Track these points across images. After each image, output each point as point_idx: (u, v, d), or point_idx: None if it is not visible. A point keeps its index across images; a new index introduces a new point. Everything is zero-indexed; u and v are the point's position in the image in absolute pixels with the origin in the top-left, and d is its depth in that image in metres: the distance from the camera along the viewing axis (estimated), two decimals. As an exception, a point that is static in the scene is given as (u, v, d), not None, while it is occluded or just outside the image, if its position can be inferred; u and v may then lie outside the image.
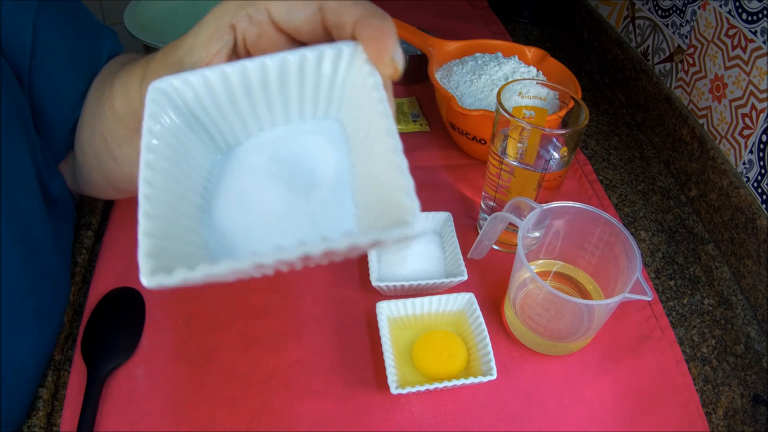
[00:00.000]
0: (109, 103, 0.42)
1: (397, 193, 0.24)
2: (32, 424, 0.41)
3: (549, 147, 0.50)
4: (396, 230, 0.23)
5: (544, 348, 0.48)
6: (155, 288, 0.23)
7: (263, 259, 0.23)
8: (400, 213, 0.24)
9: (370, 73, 0.27)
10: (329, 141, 0.30)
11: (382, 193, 0.26)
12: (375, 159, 0.26)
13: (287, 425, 0.42)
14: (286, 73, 0.28)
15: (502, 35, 0.93)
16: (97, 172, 0.49)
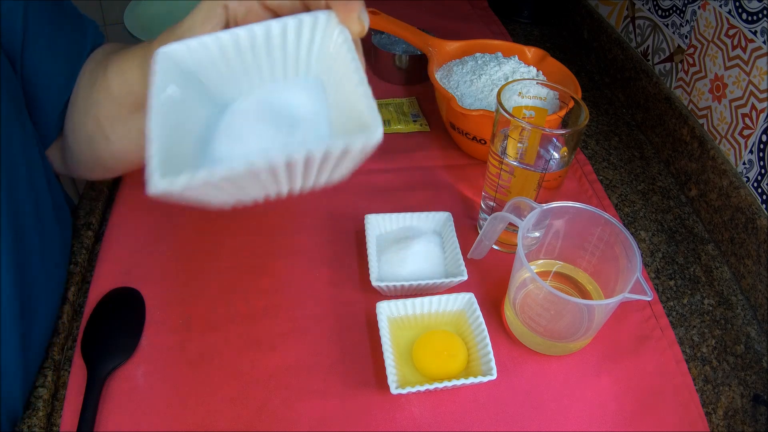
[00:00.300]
0: (104, 87, 0.45)
1: (363, 112, 0.29)
2: (32, 424, 0.41)
3: (549, 147, 0.50)
4: (362, 135, 0.27)
5: (544, 348, 0.48)
6: (161, 192, 0.27)
7: (255, 162, 0.26)
8: (365, 125, 0.28)
9: (341, 32, 0.32)
10: (309, 93, 0.34)
11: (351, 116, 0.30)
12: (345, 95, 0.31)
13: (287, 425, 0.43)
14: (271, 38, 0.33)
15: (502, 35, 0.93)
16: (87, 153, 0.51)
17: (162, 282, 0.52)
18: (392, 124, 0.71)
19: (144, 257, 0.54)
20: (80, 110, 0.48)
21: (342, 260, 0.55)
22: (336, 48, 0.33)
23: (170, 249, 0.55)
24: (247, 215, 0.59)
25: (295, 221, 0.58)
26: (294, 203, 0.60)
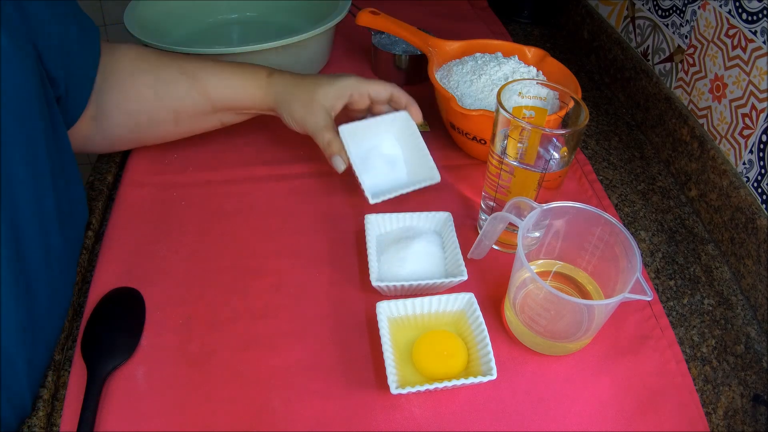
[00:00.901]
0: (199, 90, 0.58)
1: (429, 165, 0.60)
2: (32, 424, 0.41)
3: (549, 147, 0.50)
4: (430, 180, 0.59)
5: (544, 348, 0.48)
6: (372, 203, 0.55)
7: None
8: (431, 175, 0.59)
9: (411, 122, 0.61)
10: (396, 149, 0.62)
11: (421, 165, 0.60)
12: (416, 153, 0.61)
13: (287, 425, 0.43)
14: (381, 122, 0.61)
15: (502, 35, 0.93)
16: (135, 134, 0.61)
17: (162, 282, 0.52)
18: (392, 124, 0.71)
19: (144, 257, 0.54)
20: (149, 100, 0.57)
21: (342, 260, 0.55)
22: (410, 131, 0.61)
23: (170, 249, 0.55)
24: (248, 215, 0.59)
25: (295, 221, 0.58)
26: (294, 203, 0.60)
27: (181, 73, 0.57)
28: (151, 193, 0.60)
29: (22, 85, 0.39)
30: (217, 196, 0.60)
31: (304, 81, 0.58)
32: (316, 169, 0.64)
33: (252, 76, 0.58)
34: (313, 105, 0.57)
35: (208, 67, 0.58)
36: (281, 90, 0.58)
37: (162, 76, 0.57)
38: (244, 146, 0.67)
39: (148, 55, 0.58)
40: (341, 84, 0.58)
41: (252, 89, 0.58)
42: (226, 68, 0.58)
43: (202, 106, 0.59)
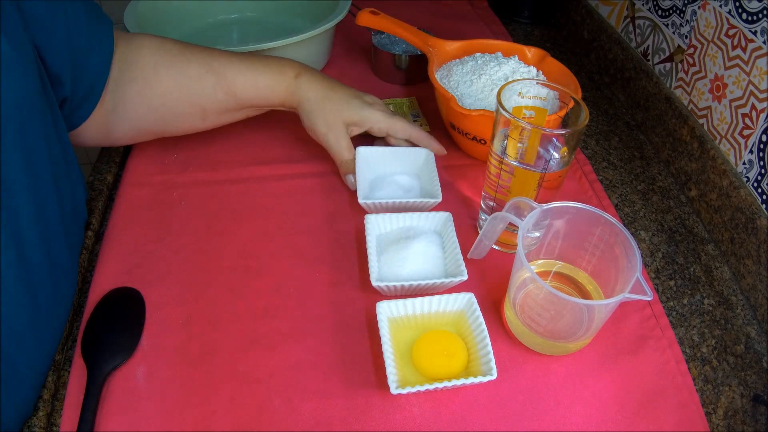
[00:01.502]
0: (226, 88, 0.57)
1: (436, 187, 0.59)
2: (32, 424, 0.41)
3: (549, 147, 0.50)
4: (434, 198, 0.57)
5: (544, 348, 0.48)
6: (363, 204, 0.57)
7: None
8: (435, 194, 0.58)
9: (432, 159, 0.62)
10: (412, 177, 0.62)
11: (430, 190, 0.60)
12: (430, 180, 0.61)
13: (287, 425, 0.43)
14: (402, 154, 0.63)
15: (502, 35, 0.93)
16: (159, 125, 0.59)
17: (162, 282, 0.52)
18: (392, 124, 0.71)
19: (144, 257, 0.54)
20: (174, 95, 0.56)
21: (342, 260, 0.55)
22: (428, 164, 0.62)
23: (170, 249, 0.55)
24: (248, 215, 0.59)
25: (295, 221, 0.58)
26: (294, 203, 0.60)
27: (207, 71, 0.56)
28: (151, 193, 0.60)
29: (21, 90, 0.39)
30: (217, 196, 0.60)
31: (332, 96, 0.58)
32: (316, 169, 0.64)
33: (279, 76, 0.58)
34: (336, 126, 0.58)
35: (234, 64, 0.57)
36: (309, 97, 0.58)
37: (187, 71, 0.56)
38: (244, 146, 0.67)
39: (171, 47, 0.57)
40: (366, 116, 0.59)
41: (279, 90, 0.58)
42: (252, 65, 0.58)
43: (228, 103, 0.58)
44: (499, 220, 0.48)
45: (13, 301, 0.38)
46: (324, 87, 0.59)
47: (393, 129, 0.60)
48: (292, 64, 0.60)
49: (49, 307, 0.43)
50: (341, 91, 0.60)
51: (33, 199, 0.40)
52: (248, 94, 0.58)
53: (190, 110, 0.58)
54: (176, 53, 0.57)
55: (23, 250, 0.39)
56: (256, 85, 0.58)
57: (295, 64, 0.60)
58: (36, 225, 0.40)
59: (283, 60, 0.60)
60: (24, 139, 0.39)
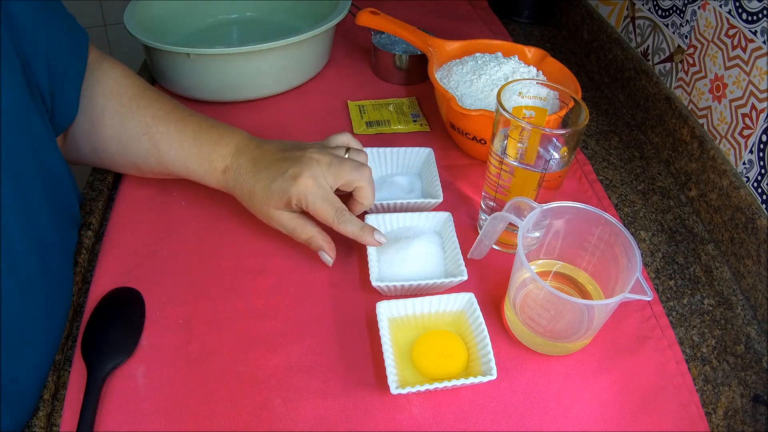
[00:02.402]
0: (159, 159, 0.54)
1: (437, 188, 0.58)
2: (32, 424, 0.41)
3: (549, 147, 0.50)
4: (435, 199, 0.57)
5: (544, 348, 0.48)
6: None
7: None
8: (436, 194, 0.57)
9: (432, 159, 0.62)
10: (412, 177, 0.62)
11: (430, 189, 0.59)
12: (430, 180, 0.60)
13: (287, 425, 0.43)
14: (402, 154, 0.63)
15: (502, 35, 0.93)
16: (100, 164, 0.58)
17: (162, 282, 0.52)
18: (392, 124, 0.71)
19: (144, 257, 0.54)
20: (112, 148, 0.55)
21: (342, 260, 0.55)
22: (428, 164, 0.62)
23: (170, 249, 0.55)
24: (248, 215, 0.58)
25: (295, 221, 0.58)
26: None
27: (144, 134, 0.53)
28: (151, 193, 0.60)
29: (9, 101, 0.39)
30: (217, 196, 0.60)
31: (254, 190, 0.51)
32: (316, 169, 0.64)
33: (208, 166, 0.53)
34: (273, 216, 0.52)
35: (170, 137, 0.53)
36: (237, 195, 0.53)
37: (127, 127, 0.53)
38: (244, 146, 0.67)
39: (125, 92, 0.54)
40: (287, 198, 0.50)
41: (210, 181, 0.54)
42: (186, 144, 0.53)
43: (161, 171, 0.56)
44: (499, 220, 0.48)
45: (8, 311, 0.38)
46: (247, 180, 0.52)
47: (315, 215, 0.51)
48: (224, 150, 0.53)
49: (45, 315, 0.43)
50: (263, 176, 0.51)
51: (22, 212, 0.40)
52: (180, 172, 0.55)
53: (126, 164, 0.57)
54: (125, 102, 0.54)
55: (15, 263, 0.39)
56: (186, 167, 0.54)
57: (227, 149, 0.53)
58: (26, 236, 0.40)
59: (219, 140, 0.53)
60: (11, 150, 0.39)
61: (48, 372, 0.44)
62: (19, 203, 0.39)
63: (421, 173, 0.62)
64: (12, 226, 0.38)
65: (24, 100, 0.41)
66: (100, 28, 1.34)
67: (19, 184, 0.39)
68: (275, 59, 0.71)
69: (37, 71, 0.45)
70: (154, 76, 0.76)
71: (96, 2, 1.29)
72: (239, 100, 0.73)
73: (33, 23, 0.44)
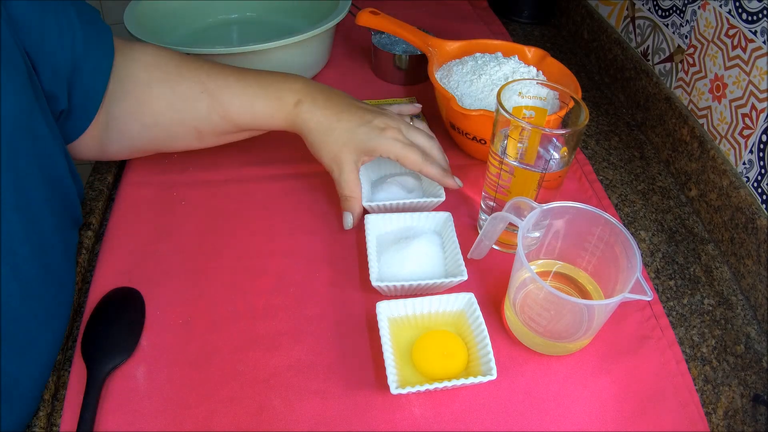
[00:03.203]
0: (221, 112, 0.54)
1: (438, 189, 0.58)
2: (32, 424, 0.41)
3: (549, 147, 0.50)
4: (437, 198, 0.57)
5: (544, 348, 0.48)
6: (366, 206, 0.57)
7: None
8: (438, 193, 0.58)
9: None
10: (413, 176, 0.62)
11: (432, 191, 0.59)
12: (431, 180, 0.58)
13: (287, 425, 0.43)
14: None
15: (502, 35, 0.93)
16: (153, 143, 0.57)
17: (162, 282, 0.52)
18: (392, 124, 0.71)
19: (144, 257, 0.54)
20: (166, 117, 0.54)
21: (342, 260, 0.55)
22: None
23: (170, 249, 0.55)
24: (248, 215, 0.59)
25: (295, 221, 0.58)
26: (294, 203, 0.60)
27: (202, 91, 0.53)
28: (151, 193, 0.60)
29: (12, 107, 0.38)
30: (217, 196, 0.60)
31: (336, 127, 0.53)
32: (316, 169, 0.64)
33: (277, 102, 0.54)
34: (340, 160, 0.54)
35: (231, 86, 0.54)
36: (310, 128, 0.54)
37: (180, 90, 0.53)
38: (244, 146, 0.67)
39: (167, 62, 0.54)
40: (373, 146, 0.53)
41: (278, 118, 0.54)
42: (249, 88, 0.54)
43: (224, 126, 0.55)
44: (499, 220, 0.48)
45: (9, 314, 0.38)
46: (327, 116, 0.54)
47: (404, 162, 0.54)
48: (293, 86, 0.55)
49: (47, 316, 0.43)
50: (346, 118, 0.54)
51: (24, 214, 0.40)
52: (245, 119, 0.55)
53: (184, 131, 0.55)
54: (171, 69, 0.54)
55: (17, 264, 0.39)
56: (252, 110, 0.54)
57: (296, 86, 0.55)
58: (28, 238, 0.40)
59: (284, 81, 0.55)
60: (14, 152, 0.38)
61: (49, 372, 0.44)
62: (22, 205, 0.39)
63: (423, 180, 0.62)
64: (14, 228, 0.38)
65: (28, 102, 0.41)
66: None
67: (22, 185, 0.39)
68: (275, 59, 0.71)
69: (50, 78, 0.44)
70: (154, 76, 0.76)
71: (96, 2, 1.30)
72: (239, 100, 0.73)
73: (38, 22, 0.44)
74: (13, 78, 0.39)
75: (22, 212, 0.39)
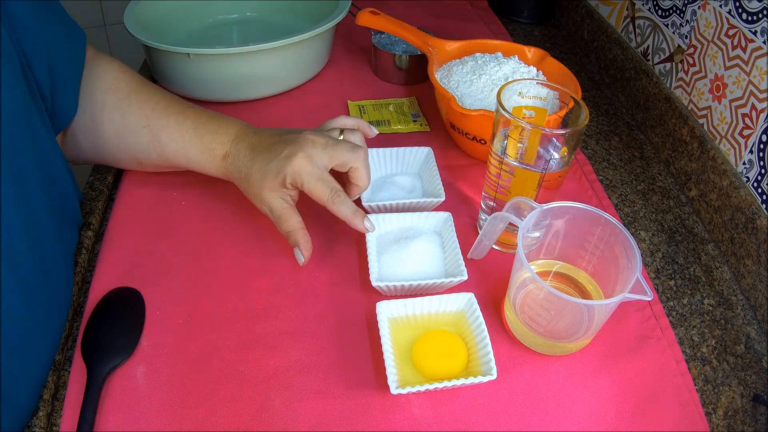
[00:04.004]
0: (159, 150, 0.55)
1: (438, 189, 0.58)
2: (32, 424, 0.41)
3: (549, 147, 0.50)
4: (437, 198, 0.57)
5: (544, 348, 0.48)
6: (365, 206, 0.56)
7: None
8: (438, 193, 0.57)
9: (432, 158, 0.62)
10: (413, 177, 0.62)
11: (432, 191, 0.59)
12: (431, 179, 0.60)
13: (287, 425, 0.43)
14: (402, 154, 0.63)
15: (502, 35, 0.93)
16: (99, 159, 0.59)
17: (162, 282, 0.52)
18: (392, 124, 0.71)
19: (144, 257, 0.54)
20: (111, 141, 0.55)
21: (342, 260, 0.55)
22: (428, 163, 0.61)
23: (170, 249, 0.55)
24: (248, 215, 0.59)
25: (295, 221, 0.58)
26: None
27: (145, 126, 0.54)
28: (151, 193, 0.60)
29: (9, 100, 0.38)
30: (217, 196, 0.60)
31: (251, 170, 0.51)
32: (316, 169, 0.64)
33: (209, 154, 0.54)
34: (265, 199, 0.51)
35: (170, 128, 0.54)
36: (236, 179, 0.53)
37: (127, 121, 0.54)
38: (244, 146, 0.67)
39: (124, 86, 0.55)
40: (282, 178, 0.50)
41: (210, 169, 0.55)
42: (186, 134, 0.54)
43: (163, 164, 0.56)
44: (499, 220, 0.48)
45: (8, 313, 0.38)
46: (245, 164, 0.52)
47: (312, 196, 0.51)
48: (224, 138, 0.54)
49: (45, 315, 0.43)
50: (260, 158, 0.51)
51: (22, 212, 0.40)
52: (180, 163, 0.55)
53: (127, 158, 0.57)
54: (124, 96, 0.54)
55: (16, 262, 0.38)
56: (187, 157, 0.54)
57: (227, 137, 0.54)
58: (26, 236, 0.40)
59: (218, 129, 0.54)
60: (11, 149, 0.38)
61: (48, 372, 0.44)
62: (20, 202, 0.39)
63: (422, 173, 0.62)
64: (12, 226, 0.38)
65: (24, 99, 0.41)
66: (100, 28, 1.35)
67: (19, 183, 0.39)
68: (275, 59, 0.71)
69: (38, 70, 0.45)
70: (154, 76, 0.76)
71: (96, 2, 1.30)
72: (239, 100, 0.73)
73: (33, 22, 0.44)
74: (10, 72, 0.39)
75: (20, 209, 0.39)
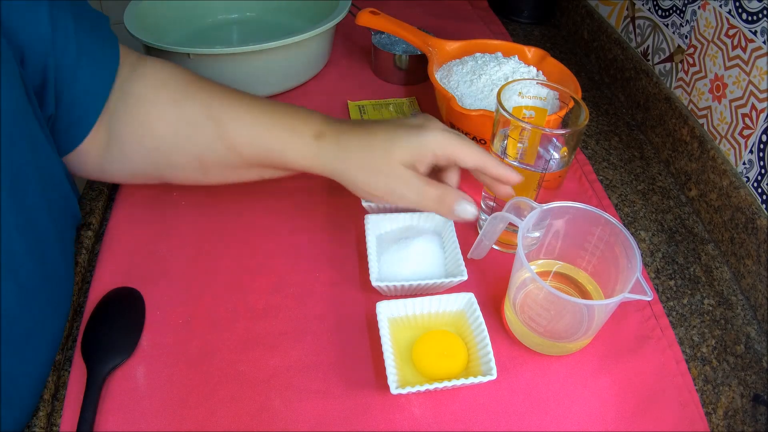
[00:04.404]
0: (227, 142, 0.48)
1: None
2: (32, 424, 0.41)
3: (549, 147, 0.50)
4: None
5: (544, 348, 0.48)
6: None
7: None
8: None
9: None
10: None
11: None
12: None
13: (287, 425, 0.43)
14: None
15: (502, 35, 0.93)
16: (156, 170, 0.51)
17: (162, 282, 0.52)
18: (392, 124, 0.71)
19: (144, 257, 0.54)
20: (168, 143, 0.49)
21: (342, 260, 0.55)
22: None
23: (170, 249, 0.55)
24: (248, 215, 0.59)
25: (295, 221, 0.58)
26: (294, 203, 0.60)
27: (207, 117, 0.47)
28: (151, 193, 0.60)
29: (9, 101, 0.38)
30: (217, 196, 0.60)
31: (372, 142, 0.45)
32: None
33: (292, 134, 0.47)
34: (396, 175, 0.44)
35: (239, 114, 0.48)
36: (344, 158, 0.45)
37: (185, 115, 0.48)
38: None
39: (176, 80, 0.49)
40: (422, 142, 0.44)
41: (295, 154, 0.47)
42: (261, 118, 0.47)
43: (230, 159, 0.49)
44: (499, 220, 0.48)
45: (8, 313, 0.38)
46: (358, 136, 0.46)
47: (463, 155, 0.45)
48: (310, 119, 0.48)
49: (45, 315, 0.43)
50: (381, 128, 0.46)
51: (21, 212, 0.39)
52: (253, 152, 0.48)
53: (186, 162, 0.50)
54: (179, 88, 0.49)
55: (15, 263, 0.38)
56: (261, 143, 0.47)
57: (314, 119, 0.48)
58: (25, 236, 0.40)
59: (296, 114, 0.49)
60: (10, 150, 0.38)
61: (48, 372, 0.44)
62: (18, 203, 0.39)
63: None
64: (11, 227, 0.38)
65: (22, 99, 0.41)
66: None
67: (18, 184, 0.39)
68: (275, 59, 0.71)
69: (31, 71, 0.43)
70: (154, 76, 0.76)
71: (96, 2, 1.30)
72: (239, 100, 0.73)
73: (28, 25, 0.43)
74: (8, 73, 0.39)
75: (19, 209, 0.39)
